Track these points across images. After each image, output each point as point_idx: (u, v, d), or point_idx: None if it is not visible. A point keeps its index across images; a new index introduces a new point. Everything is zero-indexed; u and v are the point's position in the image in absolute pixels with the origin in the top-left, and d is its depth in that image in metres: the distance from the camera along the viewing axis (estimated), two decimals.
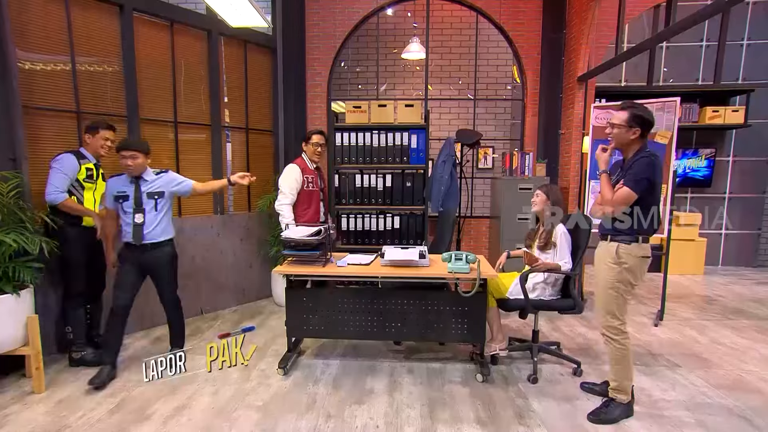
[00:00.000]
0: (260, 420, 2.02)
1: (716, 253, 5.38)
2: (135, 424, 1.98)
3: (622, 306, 2.01)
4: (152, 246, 2.41)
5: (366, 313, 2.51)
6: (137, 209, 2.36)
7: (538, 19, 4.23)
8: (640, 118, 1.93)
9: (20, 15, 2.51)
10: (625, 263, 1.97)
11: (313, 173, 3.10)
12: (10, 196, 2.26)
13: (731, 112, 4.83)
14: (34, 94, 2.59)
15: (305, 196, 3.04)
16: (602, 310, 2.05)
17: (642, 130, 1.95)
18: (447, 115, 5.28)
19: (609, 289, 2.01)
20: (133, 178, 2.38)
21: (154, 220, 2.40)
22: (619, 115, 1.97)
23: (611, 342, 2.03)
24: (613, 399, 2.06)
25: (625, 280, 1.98)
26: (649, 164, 1.89)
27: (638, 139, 1.96)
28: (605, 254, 2.04)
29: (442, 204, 3.71)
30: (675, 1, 2.82)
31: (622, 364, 2.02)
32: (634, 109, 1.96)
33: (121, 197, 2.37)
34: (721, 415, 2.09)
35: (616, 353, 2.02)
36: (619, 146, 2.02)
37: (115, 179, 2.41)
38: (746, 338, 3.08)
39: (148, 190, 2.39)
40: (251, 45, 3.77)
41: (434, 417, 2.05)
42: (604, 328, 2.05)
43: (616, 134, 1.98)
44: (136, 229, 2.36)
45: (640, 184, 1.89)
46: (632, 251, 1.97)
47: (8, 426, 1.96)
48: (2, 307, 2.15)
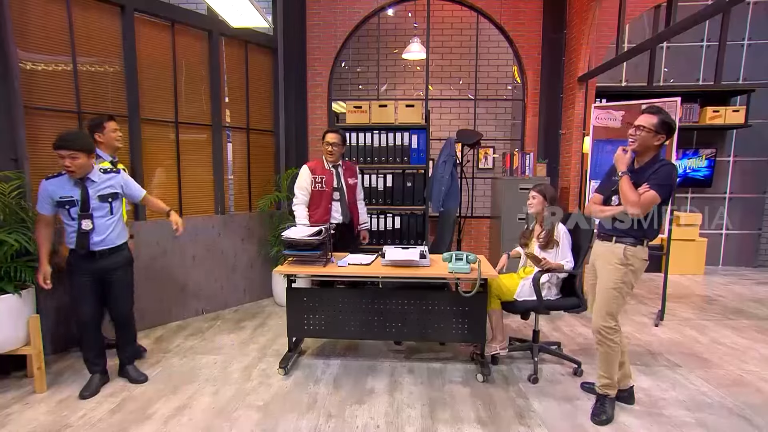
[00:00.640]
0: (261, 420, 2.02)
1: (717, 253, 5.38)
2: (136, 424, 1.98)
3: (621, 306, 2.03)
4: (109, 252, 2.20)
5: (367, 313, 2.51)
6: (83, 215, 2.10)
7: (539, 19, 4.23)
8: (669, 126, 1.92)
9: (22, 15, 2.51)
10: (631, 265, 1.98)
11: (326, 173, 2.99)
12: (11, 196, 2.27)
13: (732, 113, 4.83)
14: (35, 95, 2.60)
15: (315, 197, 3.00)
16: (602, 310, 2.04)
17: (666, 137, 1.95)
18: (447, 115, 5.28)
19: (612, 289, 2.01)
20: (77, 180, 2.10)
21: (108, 225, 2.17)
22: (649, 119, 1.93)
23: (605, 342, 2.03)
24: (605, 395, 2.08)
25: (628, 281, 2.00)
26: (672, 173, 1.91)
27: (659, 146, 1.96)
28: (610, 255, 2.03)
29: (442, 204, 3.72)
30: (675, 1, 2.82)
31: (612, 361, 2.05)
32: (664, 115, 1.93)
33: (66, 202, 2.08)
34: (721, 414, 2.09)
35: (609, 351, 2.04)
36: (640, 149, 1.98)
37: (53, 181, 2.10)
38: (746, 338, 3.08)
39: (99, 193, 2.14)
40: (252, 45, 3.77)
41: (435, 417, 2.05)
42: (600, 327, 2.04)
43: (641, 137, 1.94)
44: (82, 237, 2.11)
45: (664, 190, 1.89)
46: (638, 253, 1.98)
47: (10, 425, 1.97)
48: (4, 306, 2.15)
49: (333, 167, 3.02)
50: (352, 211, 3.07)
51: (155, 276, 3.19)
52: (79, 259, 2.17)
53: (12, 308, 2.18)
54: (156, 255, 3.18)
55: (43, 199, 2.11)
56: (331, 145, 2.95)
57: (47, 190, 2.09)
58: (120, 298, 2.30)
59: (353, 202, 3.10)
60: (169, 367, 2.56)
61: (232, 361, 2.65)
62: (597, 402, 2.10)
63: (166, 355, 2.73)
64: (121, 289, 2.30)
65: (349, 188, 3.05)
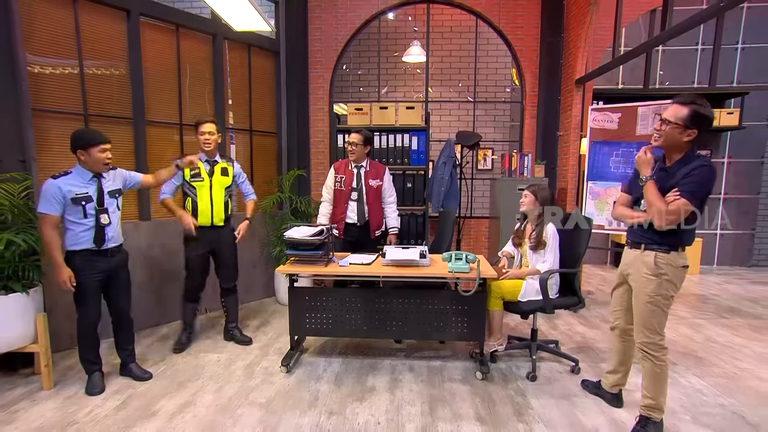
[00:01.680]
0: (264, 417, 2.05)
1: (711, 252, 5.44)
2: (141, 420, 2.02)
3: (662, 320, 1.80)
4: (115, 250, 2.24)
5: (367, 312, 2.55)
6: (101, 209, 2.15)
7: (537, 23, 4.29)
8: (703, 119, 1.59)
9: (30, 20, 2.56)
10: (665, 274, 1.74)
11: (347, 173, 2.98)
12: (20, 197, 2.31)
13: (726, 115, 4.90)
14: (42, 97, 2.64)
15: (337, 195, 3.02)
16: (640, 325, 1.84)
17: (699, 133, 1.63)
18: (447, 117, 5.34)
19: (648, 303, 1.79)
20: (94, 176, 2.16)
21: (116, 221, 2.23)
22: (678, 111, 1.61)
23: (649, 358, 1.82)
24: (647, 417, 1.86)
25: (664, 293, 1.76)
26: (710, 177, 1.62)
27: (691, 142, 1.65)
28: (641, 265, 1.81)
29: (442, 204, 3.77)
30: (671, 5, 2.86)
31: (659, 381, 1.82)
32: (698, 106, 1.59)
33: (81, 198, 2.09)
34: (717, 411, 2.12)
35: (655, 369, 1.81)
36: (666, 146, 1.69)
37: (64, 179, 2.08)
38: (741, 336, 3.12)
39: (109, 188, 2.21)
40: (255, 48, 3.82)
41: (434, 414, 2.08)
42: (642, 344, 1.84)
43: (667, 133, 1.64)
44: (100, 231, 2.14)
45: (698, 196, 1.62)
46: (672, 260, 1.74)
47: (18, 421, 2.00)
48: (12, 305, 2.19)
49: (356, 167, 2.99)
50: (371, 213, 3.00)
51: (160, 275, 3.23)
52: (91, 258, 2.16)
53: (20, 307, 2.22)
54: (161, 254, 3.22)
55: (53, 198, 2.04)
56: (350, 144, 2.94)
57: (59, 189, 2.05)
58: (123, 297, 2.35)
59: (375, 204, 3.01)
60: (174, 365, 2.60)
61: (235, 359, 2.69)
62: (638, 424, 1.89)
63: (170, 353, 2.76)
64: (124, 288, 2.35)
65: (371, 190, 2.98)
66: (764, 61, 5.12)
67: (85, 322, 2.24)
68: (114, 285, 2.29)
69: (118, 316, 2.37)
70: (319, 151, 4.40)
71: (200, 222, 2.69)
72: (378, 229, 3.08)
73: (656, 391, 1.83)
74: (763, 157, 5.26)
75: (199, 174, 2.69)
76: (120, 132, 3.00)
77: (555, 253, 2.48)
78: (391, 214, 3.10)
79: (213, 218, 2.73)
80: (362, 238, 3.03)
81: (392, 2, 4.28)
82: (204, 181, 2.70)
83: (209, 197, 2.71)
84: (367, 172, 3.00)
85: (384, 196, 3.07)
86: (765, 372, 2.54)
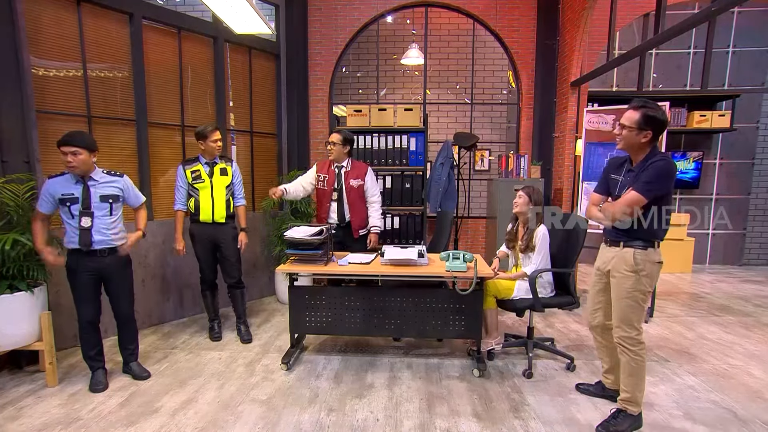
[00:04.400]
0: (264, 413, 2.08)
1: (704, 252, 5.52)
2: (144, 417, 2.04)
3: (640, 315, 1.86)
4: (109, 251, 2.25)
5: (366, 311, 2.58)
6: (84, 212, 2.15)
7: (533, 26, 4.35)
8: (653, 119, 1.74)
9: (34, 23, 2.59)
10: (643, 270, 1.83)
11: (329, 173, 2.98)
12: (25, 198, 2.34)
13: (718, 117, 4.97)
14: (47, 99, 2.67)
15: (319, 195, 3.04)
16: (619, 321, 1.90)
17: (654, 133, 1.76)
18: (445, 118, 5.39)
19: (626, 299, 1.86)
20: (79, 178, 2.16)
21: (108, 225, 2.21)
22: (631, 115, 1.77)
23: (626, 352, 1.88)
24: (622, 410, 1.93)
25: (642, 288, 1.84)
26: (662, 169, 1.73)
27: (649, 142, 1.78)
28: (620, 262, 1.88)
29: (440, 205, 3.81)
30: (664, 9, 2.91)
31: (636, 376, 1.88)
32: (648, 109, 1.75)
33: (67, 200, 2.13)
34: (708, 407, 2.16)
35: (632, 364, 1.88)
36: (627, 149, 1.84)
37: (56, 179, 2.16)
38: (732, 334, 3.18)
39: (100, 192, 2.20)
40: (256, 51, 3.86)
41: (432, 411, 2.11)
42: (620, 338, 1.90)
43: (625, 136, 1.79)
44: (83, 234, 2.15)
45: (650, 188, 1.73)
46: (649, 256, 1.83)
47: (23, 418, 2.03)
48: (17, 303, 2.22)
49: (336, 167, 2.99)
50: (352, 213, 2.99)
51: (162, 274, 3.26)
52: (81, 258, 2.20)
53: (25, 305, 2.25)
54: (163, 253, 3.25)
55: (45, 196, 2.15)
56: (329, 143, 2.95)
57: (50, 188, 2.15)
58: (121, 298, 2.36)
59: (356, 204, 2.99)
60: (176, 362, 2.63)
61: (236, 356, 2.72)
62: (611, 414, 1.95)
63: (172, 351, 2.80)
64: (122, 289, 2.35)
65: (351, 190, 2.96)
66: (755, 64, 5.21)
67: (83, 320, 2.27)
68: (113, 285, 2.31)
69: (119, 316, 2.39)
70: (319, 152, 4.44)
71: (202, 219, 2.83)
72: (361, 229, 3.05)
73: (633, 385, 1.89)
74: (754, 159, 5.35)
75: (200, 176, 2.80)
76: (123, 133, 3.04)
77: (543, 255, 2.51)
78: (374, 213, 3.06)
79: (214, 215, 2.82)
80: (345, 239, 3.01)
81: (391, 6, 4.33)
82: (205, 182, 2.80)
83: (210, 197, 2.81)
84: (347, 172, 2.98)
85: (367, 196, 3.03)
86: (755, 368, 2.59)
